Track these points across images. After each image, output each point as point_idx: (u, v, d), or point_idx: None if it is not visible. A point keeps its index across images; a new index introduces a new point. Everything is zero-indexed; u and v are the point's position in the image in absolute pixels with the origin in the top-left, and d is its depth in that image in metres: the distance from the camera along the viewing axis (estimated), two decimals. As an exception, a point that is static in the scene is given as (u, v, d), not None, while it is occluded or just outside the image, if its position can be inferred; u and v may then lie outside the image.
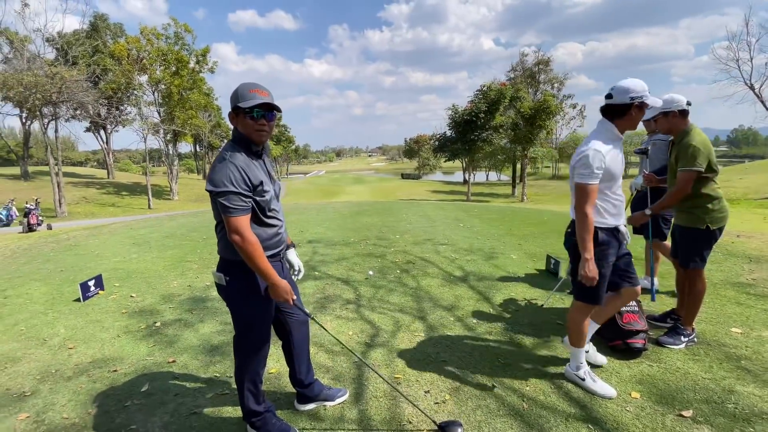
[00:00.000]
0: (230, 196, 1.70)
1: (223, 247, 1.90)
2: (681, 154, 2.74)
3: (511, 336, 3.14)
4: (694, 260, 2.87)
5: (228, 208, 1.71)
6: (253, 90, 1.76)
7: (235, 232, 1.72)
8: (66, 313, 3.91)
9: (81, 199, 28.94)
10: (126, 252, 6.45)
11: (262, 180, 1.82)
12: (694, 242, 2.87)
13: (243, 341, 2.00)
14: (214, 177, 1.71)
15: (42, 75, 21.51)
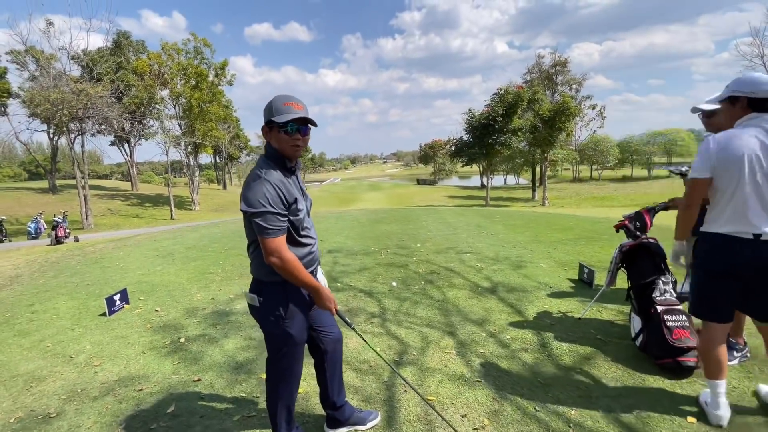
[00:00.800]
0: (267, 216, 1.62)
1: (256, 268, 1.83)
2: None
3: (549, 353, 2.96)
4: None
5: (265, 230, 1.62)
6: (288, 103, 1.68)
7: (273, 254, 1.65)
8: (92, 329, 3.91)
9: (106, 211, 29.84)
10: (150, 264, 6.51)
11: (297, 197, 1.74)
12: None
13: (277, 363, 1.91)
14: (249, 196, 1.62)
15: (68, 92, 22.34)
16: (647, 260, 2.97)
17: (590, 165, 58.36)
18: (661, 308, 2.71)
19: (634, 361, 2.78)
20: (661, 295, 2.79)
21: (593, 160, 54.36)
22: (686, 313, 2.70)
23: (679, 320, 2.64)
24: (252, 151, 67.46)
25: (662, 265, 2.94)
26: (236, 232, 9.56)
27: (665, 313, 2.68)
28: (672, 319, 2.65)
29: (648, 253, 2.99)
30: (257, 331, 3.56)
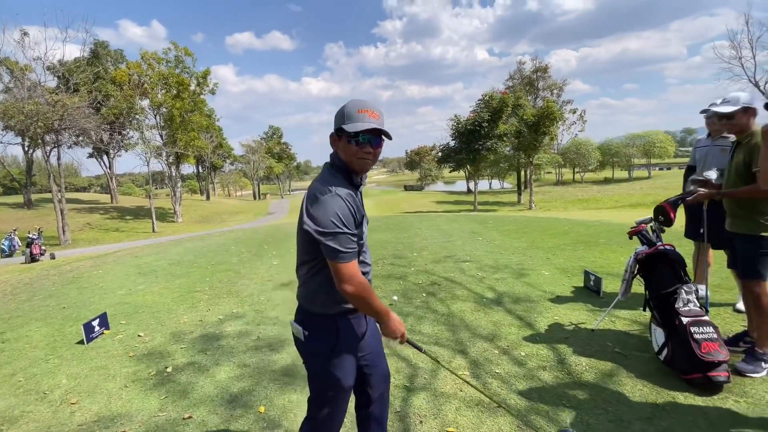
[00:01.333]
0: (341, 238, 1.39)
1: (307, 295, 1.60)
2: (757, 153, 2.47)
3: (569, 370, 2.77)
4: (758, 271, 2.57)
5: (339, 253, 1.39)
6: (363, 110, 1.45)
7: (348, 281, 1.41)
8: (68, 359, 3.56)
9: (85, 226, 28.82)
10: (132, 283, 6.13)
11: (364, 215, 1.54)
12: (758, 251, 2.56)
13: (320, 405, 1.66)
14: (320, 214, 1.40)
15: (43, 103, 21.56)
16: (666, 269, 2.83)
17: (573, 168, 59.40)
18: (687, 320, 2.56)
19: (659, 376, 2.61)
20: (685, 306, 2.64)
21: (575, 163, 55.36)
22: (713, 324, 2.56)
23: (707, 332, 2.49)
24: (236, 160, 66.57)
25: (682, 273, 2.80)
26: (222, 245, 9.21)
27: (691, 324, 2.52)
28: (699, 331, 2.49)
29: (666, 261, 2.85)
30: (251, 356, 3.29)
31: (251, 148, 60.42)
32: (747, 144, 2.59)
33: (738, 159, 2.63)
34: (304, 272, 1.59)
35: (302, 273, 1.60)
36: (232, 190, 78.41)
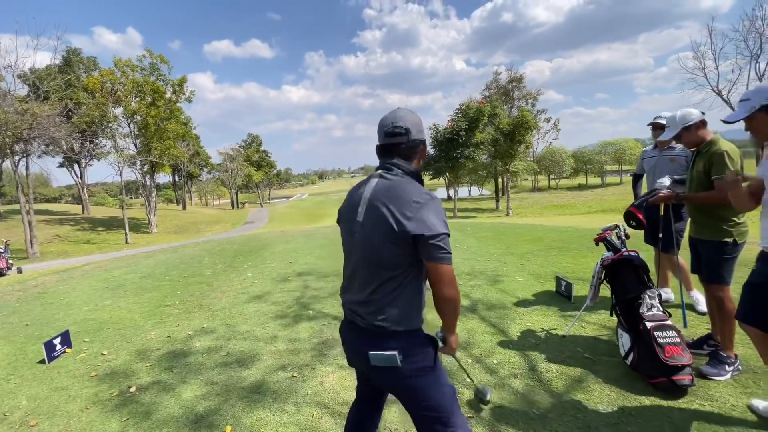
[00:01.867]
0: (446, 239, 1.36)
1: (400, 315, 1.43)
2: (716, 162, 2.59)
3: (540, 377, 2.79)
4: (721, 276, 2.68)
5: (447, 254, 1.36)
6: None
7: (451, 284, 1.38)
8: (29, 379, 3.39)
9: (54, 238, 27.68)
10: (98, 298, 5.89)
11: None
12: (721, 256, 2.66)
13: (457, 414, 1.53)
14: (431, 217, 1.34)
15: (12, 112, 20.72)
16: (631, 274, 2.90)
17: (548, 175, 60.85)
18: (651, 324, 2.62)
19: (626, 381, 2.66)
20: (649, 311, 2.70)
21: (550, 170, 56.75)
22: (676, 328, 2.63)
23: (670, 336, 2.55)
24: (213, 169, 65.38)
25: (646, 278, 2.87)
26: (196, 257, 8.98)
27: (655, 329, 2.59)
28: (663, 336, 2.56)
29: (631, 267, 2.92)
30: (220, 373, 3.19)
31: (229, 156, 59.51)
32: (706, 153, 2.70)
33: (698, 167, 2.74)
34: (388, 291, 1.42)
35: (385, 292, 1.42)
36: (209, 199, 76.88)
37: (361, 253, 1.46)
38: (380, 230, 1.39)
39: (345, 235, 1.56)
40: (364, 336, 1.47)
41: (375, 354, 1.43)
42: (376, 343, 1.44)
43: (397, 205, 1.38)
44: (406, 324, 1.44)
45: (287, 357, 3.39)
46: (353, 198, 1.52)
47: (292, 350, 3.52)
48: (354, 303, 1.51)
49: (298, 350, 3.52)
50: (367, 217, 1.43)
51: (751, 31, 22.53)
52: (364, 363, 1.48)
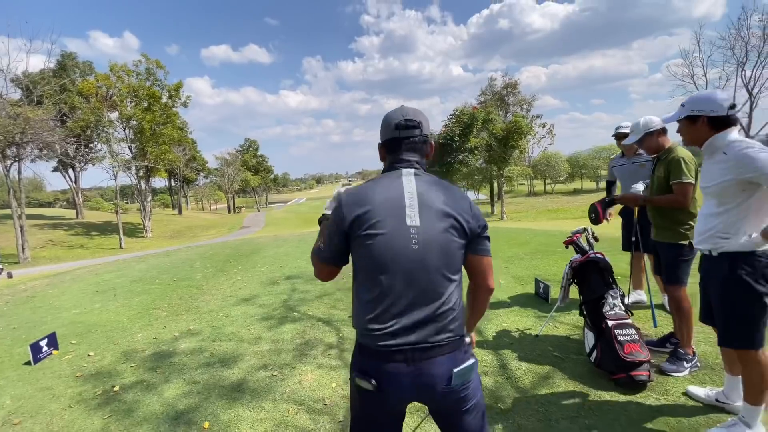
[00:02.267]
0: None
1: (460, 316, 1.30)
2: (673, 168, 2.73)
3: (509, 375, 2.91)
4: (678, 277, 2.83)
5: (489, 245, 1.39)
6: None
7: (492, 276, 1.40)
8: (14, 380, 3.46)
9: (47, 242, 27.56)
10: (88, 302, 5.95)
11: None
12: (679, 258, 2.81)
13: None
14: (478, 210, 1.34)
15: (4, 116, 20.74)
16: (596, 275, 3.03)
17: (543, 179, 61.26)
18: (612, 323, 2.75)
19: (589, 377, 2.78)
20: (611, 310, 2.84)
21: (546, 175, 57.16)
22: (636, 326, 2.76)
23: (629, 334, 2.68)
24: (210, 173, 65.36)
25: (610, 279, 3.00)
26: (187, 260, 9.04)
27: (616, 327, 2.71)
28: (622, 334, 2.68)
29: (597, 269, 3.05)
30: (202, 372, 3.28)
31: (226, 161, 59.56)
32: (665, 160, 2.84)
33: (659, 174, 2.89)
34: (456, 296, 1.29)
35: (454, 299, 1.28)
36: (206, 203, 76.76)
37: (423, 261, 1.22)
38: (448, 230, 1.25)
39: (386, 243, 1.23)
40: (439, 356, 1.23)
41: (459, 369, 1.24)
42: (456, 357, 1.26)
43: (453, 201, 1.28)
44: (462, 326, 1.32)
45: (269, 357, 3.49)
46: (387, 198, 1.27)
47: (275, 350, 3.62)
48: (417, 324, 1.22)
49: (280, 350, 3.61)
50: (426, 218, 1.24)
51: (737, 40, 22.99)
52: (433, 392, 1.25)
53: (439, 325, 1.23)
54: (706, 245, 2.09)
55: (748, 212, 1.91)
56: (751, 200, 1.89)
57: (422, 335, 1.22)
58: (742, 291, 1.93)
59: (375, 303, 1.24)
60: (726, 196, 1.96)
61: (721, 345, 2.11)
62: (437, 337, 1.23)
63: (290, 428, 2.46)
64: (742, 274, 1.91)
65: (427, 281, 1.23)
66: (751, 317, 1.93)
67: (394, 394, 1.25)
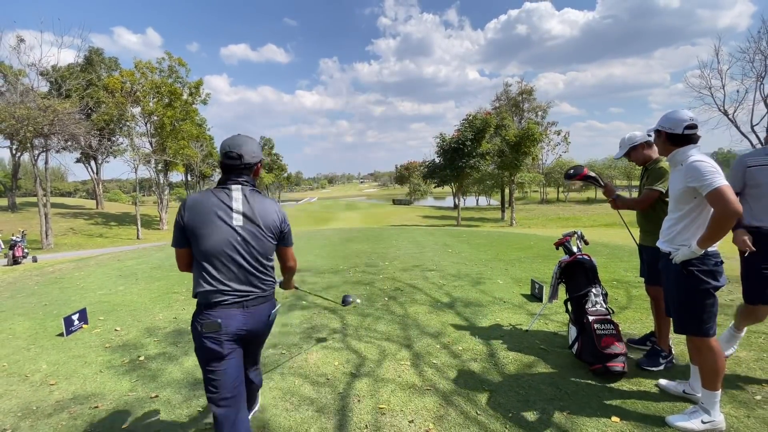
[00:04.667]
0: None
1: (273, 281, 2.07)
2: (652, 176, 2.99)
3: (496, 362, 3.17)
4: (656, 277, 3.02)
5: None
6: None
7: (294, 260, 2.29)
8: (48, 349, 3.85)
9: (68, 231, 28.58)
10: (112, 284, 6.39)
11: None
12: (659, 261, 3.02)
13: None
14: (284, 216, 1.99)
15: (34, 108, 21.68)
16: (581, 274, 3.27)
17: (557, 187, 60.74)
18: (593, 318, 2.99)
19: (570, 368, 3.03)
20: (593, 306, 3.08)
21: (559, 182, 56.67)
22: (614, 322, 3.00)
23: (608, 329, 2.92)
24: (226, 170, 66.39)
25: (594, 279, 3.24)
26: (205, 251, 9.46)
27: (595, 322, 2.95)
28: (602, 328, 2.92)
29: (582, 268, 3.29)
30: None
31: (242, 158, 60.51)
32: (652, 169, 3.08)
33: (644, 182, 3.13)
34: (267, 269, 1.98)
35: (265, 270, 1.96)
36: (220, 199, 77.99)
37: (246, 251, 1.84)
38: (263, 230, 1.87)
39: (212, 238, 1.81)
40: (259, 305, 1.91)
41: (273, 313, 2.01)
42: (271, 307, 2.00)
43: (266, 209, 1.90)
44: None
45: (279, 338, 3.81)
46: (215, 205, 1.83)
47: (284, 333, 3.95)
48: (242, 288, 1.85)
49: (288, 333, 3.94)
50: (247, 221, 1.84)
51: (756, 53, 22.66)
52: (262, 327, 1.98)
53: (256, 289, 1.89)
54: (666, 247, 2.35)
55: (696, 221, 2.18)
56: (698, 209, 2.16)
57: (247, 296, 1.85)
58: (693, 284, 2.18)
59: (218, 272, 1.82)
60: (681, 202, 2.24)
61: (677, 332, 2.36)
62: (258, 293, 1.89)
63: (296, 396, 2.77)
64: (693, 270, 2.16)
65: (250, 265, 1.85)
66: (701, 308, 2.18)
67: (232, 331, 1.84)
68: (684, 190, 2.17)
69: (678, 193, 2.22)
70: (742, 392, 2.59)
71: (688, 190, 2.14)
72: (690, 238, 2.21)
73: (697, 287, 2.17)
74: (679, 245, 2.25)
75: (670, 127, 2.25)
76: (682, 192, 2.18)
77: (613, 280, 5.24)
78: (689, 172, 2.12)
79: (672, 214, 2.32)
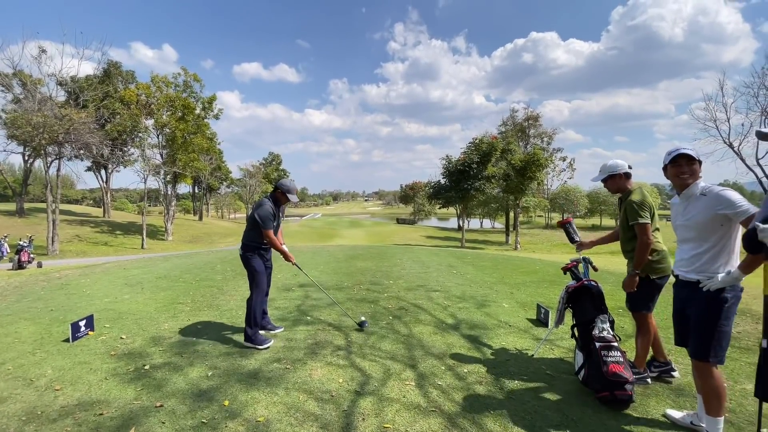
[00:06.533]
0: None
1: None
2: (628, 211, 3.04)
3: (501, 386, 3.15)
4: (638, 305, 3.12)
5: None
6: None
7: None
8: (54, 354, 3.86)
9: (74, 237, 28.77)
10: (118, 292, 6.42)
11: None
12: (645, 289, 3.09)
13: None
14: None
15: (51, 116, 22.23)
16: (588, 301, 3.28)
17: (562, 213, 60.65)
18: (600, 344, 2.98)
19: (576, 394, 3.00)
20: (600, 333, 3.07)
21: (564, 208, 56.65)
22: (621, 350, 2.99)
23: (615, 356, 2.91)
24: (232, 183, 67.18)
25: (602, 305, 3.24)
26: (209, 263, 9.52)
27: (603, 349, 2.95)
28: (609, 355, 2.91)
29: (589, 294, 3.30)
30: (223, 360, 3.63)
31: (249, 173, 61.22)
32: (626, 200, 3.14)
33: (622, 213, 3.20)
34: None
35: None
36: (226, 212, 78.59)
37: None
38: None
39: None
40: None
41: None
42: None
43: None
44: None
45: (283, 352, 3.81)
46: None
47: (288, 347, 3.94)
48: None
49: (293, 348, 3.94)
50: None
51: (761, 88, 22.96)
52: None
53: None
54: (695, 276, 2.37)
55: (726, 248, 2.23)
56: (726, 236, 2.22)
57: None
58: (723, 308, 2.21)
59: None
60: (706, 231, 2.29)
61: (695, 357, 2.35)
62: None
63: (300, 412, 2.76)
64: (727, 297, 2.21)
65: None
66: (724, 334, 2.20)
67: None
68: (712, 217, 2.23)
69: (703, 222, 2.28)
70: (750, 425, 2.55)
71: (717, 218, 2.21)
72: (722, 266, 2.25)
73: (727, 314, 2.21)
74: (712, 273, 2.28)
75: (697, 156, 2.35)
76: (709, 220, 2.25)
77: (618, 308, 5.21)
78: (720, 200, 2.20)
79: (695, 243, 2.37)
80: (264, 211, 3.93)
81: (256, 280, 4.05)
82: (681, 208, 2.47)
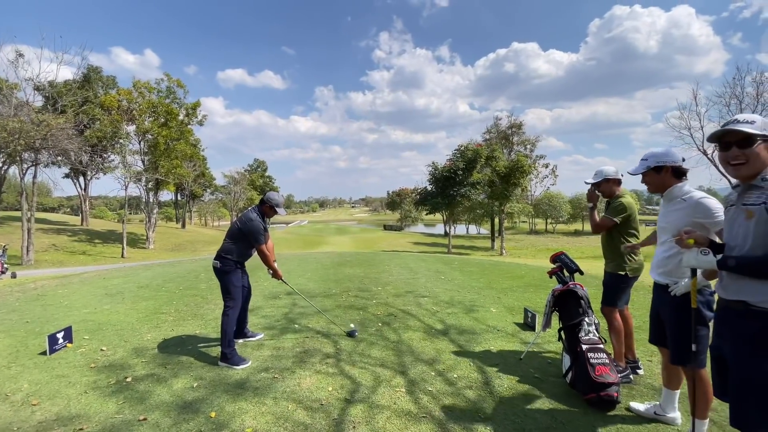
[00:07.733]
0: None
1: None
2: (611, 209, 3.33)
3: (491, 390, 3.16)
4: (612, 300, 3.33)
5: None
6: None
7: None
8: (30, 367, 3.71)
9: (50, 247, 27.83)
10: (97, 303, 6.23)
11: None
12: (616, 285, 3.32)
13: None
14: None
15: (27, 121, 21.57)
16: (574, 304, 3.33)
17: (545, 218, 61.73)
18: (586, 347, 3.03)
19: (564, 397, 3.03)
20: (586, 335, 3.12)
21: (547, 214, 57.69)
22: (607, 351, 3.04)
23: (601, 358, 2.96)
24: (216, 190, 66.19)
25: (587, 308, 3.30)
26: (192, 271, 9.33)
27: (589, 351, 2.99)
28: (595, 357, 2.96)
29: (575, 297, 3.35)
30: (208, 371, 3.55)
31: (234, 179, 60.42)
32: (612, 202, 3.41)
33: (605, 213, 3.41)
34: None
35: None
36: (209, 219, 77.28)
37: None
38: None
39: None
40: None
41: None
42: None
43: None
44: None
45: (271, 361, 3.75)
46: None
47: (276, 356, 3.88)
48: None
49: (281, 356, 3.87)
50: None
51: (732, 97, 23.96)
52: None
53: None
54: (663, 279, 2.42)
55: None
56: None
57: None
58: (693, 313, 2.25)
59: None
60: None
61: (675, 364, 2.40)
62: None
63: (289, 422, 2.72)
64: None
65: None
66: (700, 338, 2.24)
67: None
68: (689, 224, 2.21)
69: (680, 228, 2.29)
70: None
71: (695, 225, 2.20)
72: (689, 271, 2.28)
73: (698, 319, 2.23)
74: (678, 278, 2.33)
75: (673, 161, 2.38)
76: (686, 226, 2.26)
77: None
78: (699, 209, 2.23)
79: (668, 245, 2.41)
80: (255, 227, 3.83)
81: (233, 294, 3.85)
82: (664, 210, 2.53)
